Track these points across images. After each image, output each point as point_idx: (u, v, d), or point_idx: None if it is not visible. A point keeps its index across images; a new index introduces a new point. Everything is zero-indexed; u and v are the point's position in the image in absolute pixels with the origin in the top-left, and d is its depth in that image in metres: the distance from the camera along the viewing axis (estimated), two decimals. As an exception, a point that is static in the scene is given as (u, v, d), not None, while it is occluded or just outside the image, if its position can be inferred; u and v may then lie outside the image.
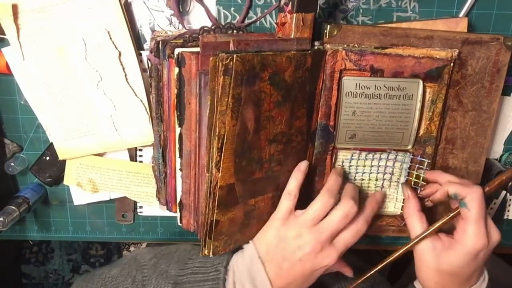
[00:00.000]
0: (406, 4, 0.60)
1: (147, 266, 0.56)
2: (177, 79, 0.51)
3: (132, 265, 0.58)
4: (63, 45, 0.58)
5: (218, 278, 0.51)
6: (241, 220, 0.53)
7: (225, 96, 0.45)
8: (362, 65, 0.54)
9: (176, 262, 0.56)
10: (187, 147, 0.54)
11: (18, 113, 0.63)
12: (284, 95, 0.50)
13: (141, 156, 0.65)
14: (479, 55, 0.56)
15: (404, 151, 0.59)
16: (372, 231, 0.63)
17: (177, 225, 0.68)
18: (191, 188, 0.55)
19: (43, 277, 1.63)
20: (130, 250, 1.03)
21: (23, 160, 0.64)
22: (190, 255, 0.57)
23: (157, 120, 0.58)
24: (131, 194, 0.66)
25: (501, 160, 0.66)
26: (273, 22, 0.60)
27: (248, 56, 0.45)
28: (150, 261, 0.57)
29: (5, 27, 0.56)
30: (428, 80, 0.55)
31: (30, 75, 0.59)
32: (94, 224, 0.70)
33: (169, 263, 0.56)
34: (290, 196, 0.53)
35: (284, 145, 0.53)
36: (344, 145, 0.58)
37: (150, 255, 0.58)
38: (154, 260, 0.57)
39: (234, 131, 0.47)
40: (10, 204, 0.62)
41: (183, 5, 0.59)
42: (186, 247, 0.60)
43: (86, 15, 0.57)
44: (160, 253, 0.58)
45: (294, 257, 0.51)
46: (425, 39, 0.55)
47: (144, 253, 0.59)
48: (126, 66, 0.59)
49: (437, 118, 0.57)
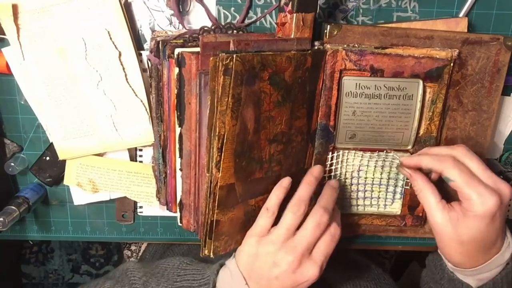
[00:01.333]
0: (406, 4, 0.60)
1: (137, 285, 0.55)
2: (177, 79, 0.51)
3: (124, 280, 0.57)
4: (63, 45, 0.58)
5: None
6: (241, 220, 0.53)
7: (225, 96, 0.45)
8: (362, 65, 0.54)
9: (166, 280, 0.55)
10: (187, 147, 0.54)
11: (18, 113, 0.63)
12: (284, 95, 0.50)
13: (141, 156, 0.65)
14: (479, 55, 0.56)
15: (404, 151, 0.59)
16: (373, 231, 0.64)
17: (177, 225, 0.68)
18: (191, 188, 0.55)
19: (43, 277, 1.63)
20: (131, 249, 1.03)
21: (23, 160, 0.64)
22: (178, 271, 0.56)
23: (157, 120, 0.58)
24: (131, 194, 0.66)
25: (501, 160, 0.66)
26: (273, 22, 0.60)
27: (248, 56, 0.45)
28: (140, 280, 0.56)
29: (5, 27, 0.56)
30: (428, 80, 0.55)
31: (30, 75, 0.59)
32: (94, 224, 0.70)
33: (159, 282, 0.55)
34: (268, 213, 0.51)
35: (284, 145, 0.53)
36: (344, 145, 0.58)
37: (140, 273, 0.57)
38: (144, 279, 0.56)
39: (234, 131, 0.47)
40: (10, 204, 0.62)
41: (183, 5, 0.59)
42: (175, 262, 0.58)
43: (86, 15, 0.57)
44: (150, 272, 0.57)
45: (271, 275, 0.50)
46: (425, 39, 0.55)
47: (135, 269, 0.58)
48: (126, 66, 0.59)
49: (437, 118, 0.57)
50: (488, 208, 0.47)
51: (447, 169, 0.49)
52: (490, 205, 0.47)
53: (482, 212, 0.47)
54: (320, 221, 0.50)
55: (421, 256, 0.57)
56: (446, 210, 0.50)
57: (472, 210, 0.48)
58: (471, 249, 0.50)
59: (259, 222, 0.51)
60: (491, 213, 0.47)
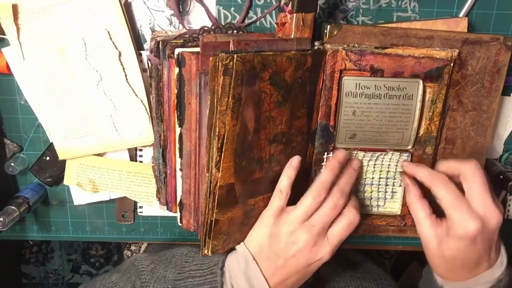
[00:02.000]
0: (406, 4, 0.60)
1: (145, 272, 0.56)
2: (177, 79, 0.51)
3: (131, 270, 0.58)
4: (63, 45, 0.58)
5: (215, 281, 0.51)
6: (240, 219, 0.53)
7: (225, 96, 0.45)
8: (362, 65, 0.54)
9: (174, 266, 0.56)
10: (187, 147, 0.54)
11: (18, 113, 0.63)
12: (284, 95, 0.50)
13: (141, 156, 0.65)
14: (479, 55, 0.56)
15: (404, 151, 0.59)
16: (373, 231, 0.64)
17: (177, 225, 0.68)
18: (191, 188, 0.55)
19: (43, 277, 1.63)
20: (131, 250, 1.03)
21: (23, 160, 0.64)
22: (186, 258, 0.57)
23: (157, 120, 0.58)
24: (131, 194, 0.66)
25: (501, 160, 0.66)
26: (273, 22, 0.60)
27: (248, 56, 0.45)
28: (148, 267, 0.57)
29: (5, 27, 0.56)
30: (428, 80, 0.55)
31: (30, 75, 0.59)
32: (94, 224, 0.70)
33: (167, 268, 0.56)
34: (281, 194, 0.52)
35: (284, 145, 0.53)
36: (344, 145, 0.58)
37: (148, 261, 0.58)
38: (152, 266, 0.57)
39: (234, 131, 0.47)
40: (10, 204, 0.62)
41: (183, 5, 0.59)
42: (183, 250, 0.60)
43: (86, 15, 0.57)
44: (158, 259, 0.58)
45: (288, 253, 0.51)
46: (425, 39, 0.55)
47: (143, 258, 0.59)
48: (126, 66, 0.59)
49: (437, 118, 0.57)
50: (466, 232, 0.48)
51: (435, 187, 0.51)
52: (468, 230, 0.48)
53: (461, 234, 0.49)
54: (337, 203, 0.51)
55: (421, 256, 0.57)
56: (433, 225, 0.52)
57: (453, 230, 0.49)
58: (453, 265, 0.52)
59: (272, 204, 0.52)
60: (470, 237, 0.48)
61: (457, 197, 0.49)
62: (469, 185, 0.50)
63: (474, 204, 0.49)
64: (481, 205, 0.49)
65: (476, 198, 0.49)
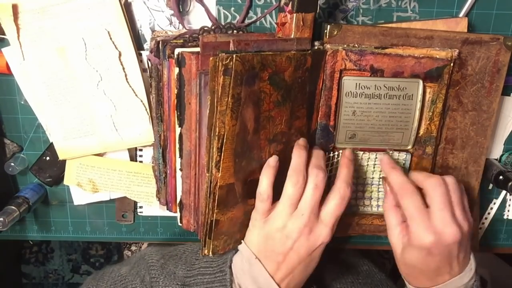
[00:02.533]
0: (406, 4, 0.60)
1: (155, 267, 0.56)
2: (177, 79, 0.52)
3: (141, 264, 0.58)
4: (63, 45, 0.58)
5: (225, 279, 0.51)
6: (240, 219, 0.53)
7: (225, 96, 0.45)
8: (362, 65, 0.54)
9: (183, 263, 0.56)
10: (187, 147, 0.54)
11: (18, 113, 0.63)
12: (284, 95, 0.50)
13: (141, 156, 0.65)
14: (479, 55, 0.56)
15: (404, 151, 0.59)
16: (373, 231, 0.64)
17: (177, 225, 0.68)
18: (191, 188, 0.55)
19: (43, 277, 1.63)
20: (131, 250, 1.03)
21: (23, 160, 0.64)
22: (196, 256, 0.57)
23: (157, 120, 0.58)
24: (131, 194, 0.66)
25: (501, 160, 0.66)
26: (273, 22, 0.60)
27: (248, 56, 0.45)
28: (158, 262, 0.57)
29: (5, 27, 0.56)
30: (428, 80, 0.55)
31: (30, 75, 0.59)
32: (94, 224, 0.70)
33: (177, 264, 0.56)
34: (262, 197, 0.50)
35: (284, 145, 0.53)
36: (344, 145, 0.58)
37: (158, 256, 0.58)
38: (162, 261, 0.57)
39: (234, 131, 0.47)
40: (10, 204, 0.62)
41: (183, 5, 0.59)
42: (194, 247, 0.60)
43: (86, 15, 0.57)
44: (168, 254, 0.59)
45: (285, 248, 0.50)
46: (425, 39, 0.55)
47: (153, 253, 0.60)
48: (126, 66, 0.59)
49: (437, 118, 0.57)
50: (421, 244, 0.50)
51: (401, 196, 0.52)
52: (423, 242, 0.49)
53: (417, 245, 0.50)
54: (316, 181, 0.50)
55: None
56: (401, 233, 0.53)
57: (411, 240, 0.51)
58: (414, 273, 0.54)
59: (257, 208, 0.52)
60: (425, 249, 0.50)
61: (418, 210, 0.50)
62: (430, 200, 0.51)
63: (432, 218, 0.50)
64: (439, 220, 0.49)
65: (434, 213, 0.50)
